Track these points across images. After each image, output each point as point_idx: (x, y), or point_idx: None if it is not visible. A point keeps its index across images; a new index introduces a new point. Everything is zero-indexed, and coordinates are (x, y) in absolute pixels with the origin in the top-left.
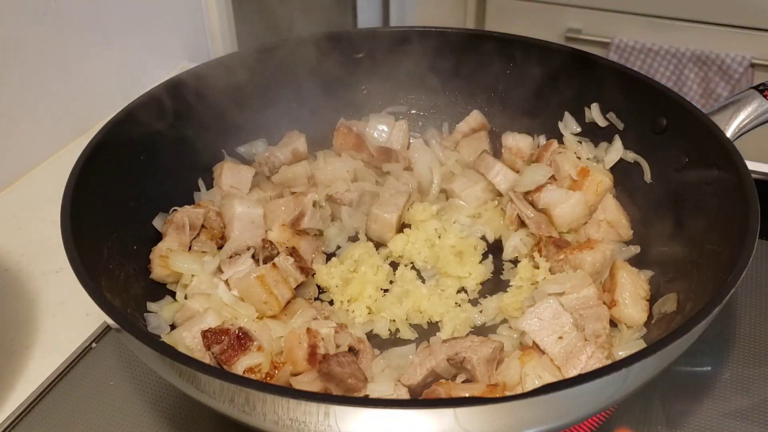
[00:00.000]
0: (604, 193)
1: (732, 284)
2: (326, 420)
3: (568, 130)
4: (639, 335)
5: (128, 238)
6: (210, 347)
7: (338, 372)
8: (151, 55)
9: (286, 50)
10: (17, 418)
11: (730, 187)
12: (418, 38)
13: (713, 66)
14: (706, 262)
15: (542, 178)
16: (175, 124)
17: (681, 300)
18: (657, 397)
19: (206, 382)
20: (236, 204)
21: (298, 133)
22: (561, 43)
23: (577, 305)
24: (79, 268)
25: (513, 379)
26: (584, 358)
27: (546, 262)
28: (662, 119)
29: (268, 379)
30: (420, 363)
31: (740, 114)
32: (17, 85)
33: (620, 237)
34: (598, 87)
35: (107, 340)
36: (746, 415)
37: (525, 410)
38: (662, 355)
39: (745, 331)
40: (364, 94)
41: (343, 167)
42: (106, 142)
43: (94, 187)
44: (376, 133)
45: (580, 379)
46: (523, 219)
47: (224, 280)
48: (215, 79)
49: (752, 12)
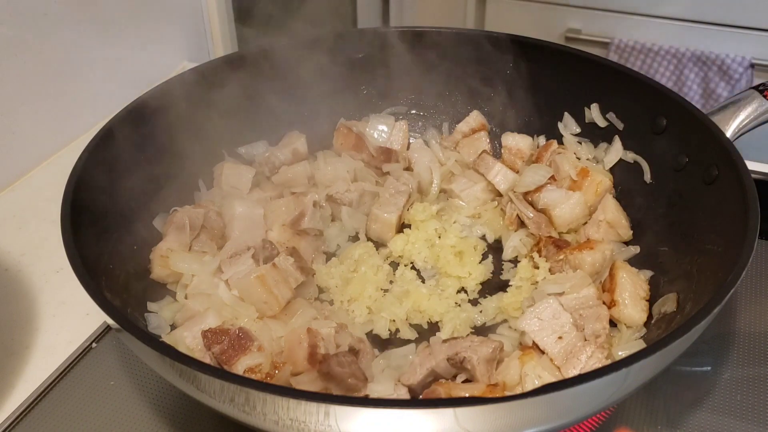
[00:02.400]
0: (604, 194)
1: (732, 284)
2: (326, 420)
3: (567, 130)
4: (639, 335)
5: (129, 238)
6: (210, 347)
7: (338, 372)
8: (151, 55)
9: (286, 50)
10: (17, 418)
11: (730, 187)
12: (418, 38)
13: (713, 66)
14: (706, 262)
15: (542, 179)
16: (175, 124)
17: (681, 300)
18: (657, 397)
19: (206, 382)
20: (236, 204)
21: (299, 133)
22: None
23: (577, 305)
24: (79, 268)
25: (513, 379)
26: (584, 358)
27: (546, 262)
28: (662, 119)
29: (268, 379)
30: (420, 363)
31: (740, 114)
32: (17, 85)
33: (620, 237)
34: (597, 87)
35: (107, 340)
36: (746, 415)
37: (525, 410)
38: (662, 355)
39: (745, 331)
40: (364, 94)
41: (343, 167)
42: (106, 142)
43: (94, 188)
44: (376, 134)
45: (580, 379)
46: (522, 219)
47: (224, 280)
48: (216, 79)
49: (752, 12)
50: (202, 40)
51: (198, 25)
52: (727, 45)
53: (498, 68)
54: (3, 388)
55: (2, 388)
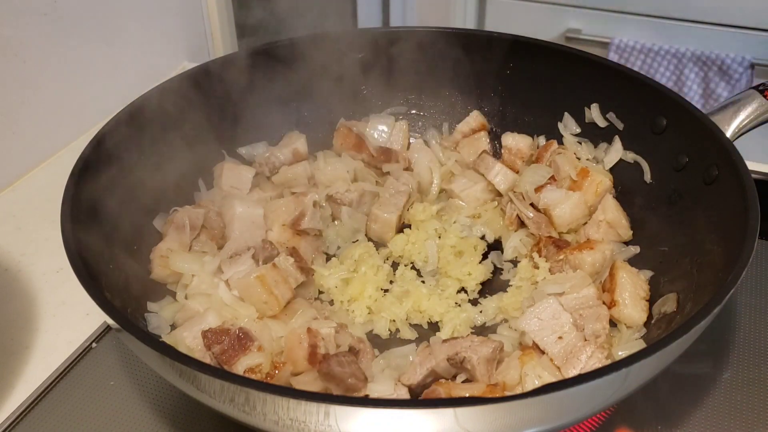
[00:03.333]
0: (604, 194)
1: (732, 284)
2: (326, 420)
3: (567, 130)
4: (639, 335)
5: (129, 238)
6: (210, 347)
7: (338, 372)
8: (151, 55)
9: (286, 50)
10: (17, 418)
11: (730, 187)
12: (419, 38)
13: (713, 66)
14: (706, 262)
15: (542, 179)
16: (175, 124)
17: (681, 300)
18: (657, 398)
19: (206, 382)
20: (236, 204)
21: (299, 133)
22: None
23: (577, 305)
24: (80, 268)
25: (513, 379)
26: (584, 358)
27: (546, 262)
28: (662, 119)
29: (268, 379)
30: (420, 363)
31: (740, 114)
32: (17, 85)
33: (620, 237)
34: (598, 87)
35: (107, 340)
36: (746, 415)
37: (525, 410)
38: (662, 355)
39: (745, 332)
40: (365, 94)
41: (343, 167)
42: (106, 141)
43: (94, 187)
44: (376, 134)
45: (580, 379)
46: (522, 219)
47: (224, 280)
48: (216, 79)
49: (752, 12)
50: (202, 40)
51: (198, 25)
52: (727, 45)
53: (498, 68)
54: (3, 388)
55: (2, 388)
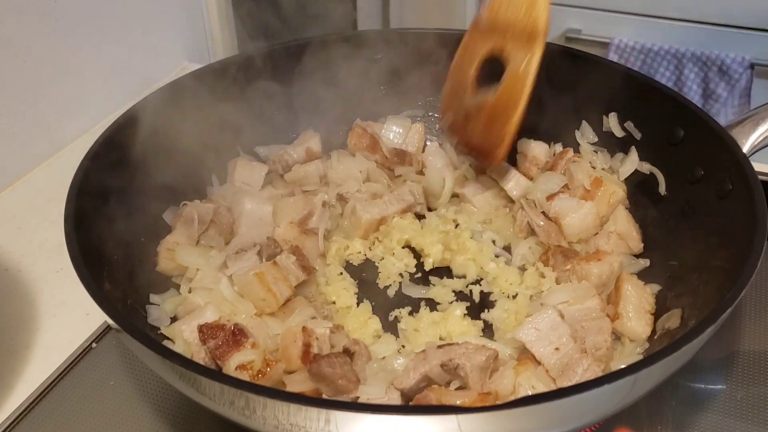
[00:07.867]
0: (617, 204)
1: (730, 302)
2: (327, 426)
3: (584, 139)
4: (641, 350)
5: (137, 230)
6: (206, 342)
7: (328, 372)
8: (151, 56)
9: (309, 50)
10: (17, 418)
11: (741, 203)
12: (438, 41)
13: (713, 66)
14: (713, 278)
15: (555, 187)
16: (189, 121)
17: (685, 316)
18: (657, 398)
19: (206, 384)
20: (246, 201)
21: (313, 132)
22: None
23: (579, 317)
24: (81, 267)
25: (506, 388)
26: (580, 370)
27: (552, 271)
28: (680, 130)
29: (260, 376)
30: (414, 367)
31: (759, 128)
32: (17, 85)
33: (630, 250)
34: (616, 96)
35: (107, 340)
36: (747, 416)
37: (525, 419)
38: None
39: (751, 345)
40: (383, 95)
41: (356, 167)
42: (113, 139)
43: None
44: (391, 135)
45: (570, 390)
46: (533, 227)
47: (228, 275)
48: (232, 77)
49: (752, 12)
50: (202, 40)
51: (198, 25)
52: (727, 45)
53: None
54: (3, 388)
55: (2, 388)
